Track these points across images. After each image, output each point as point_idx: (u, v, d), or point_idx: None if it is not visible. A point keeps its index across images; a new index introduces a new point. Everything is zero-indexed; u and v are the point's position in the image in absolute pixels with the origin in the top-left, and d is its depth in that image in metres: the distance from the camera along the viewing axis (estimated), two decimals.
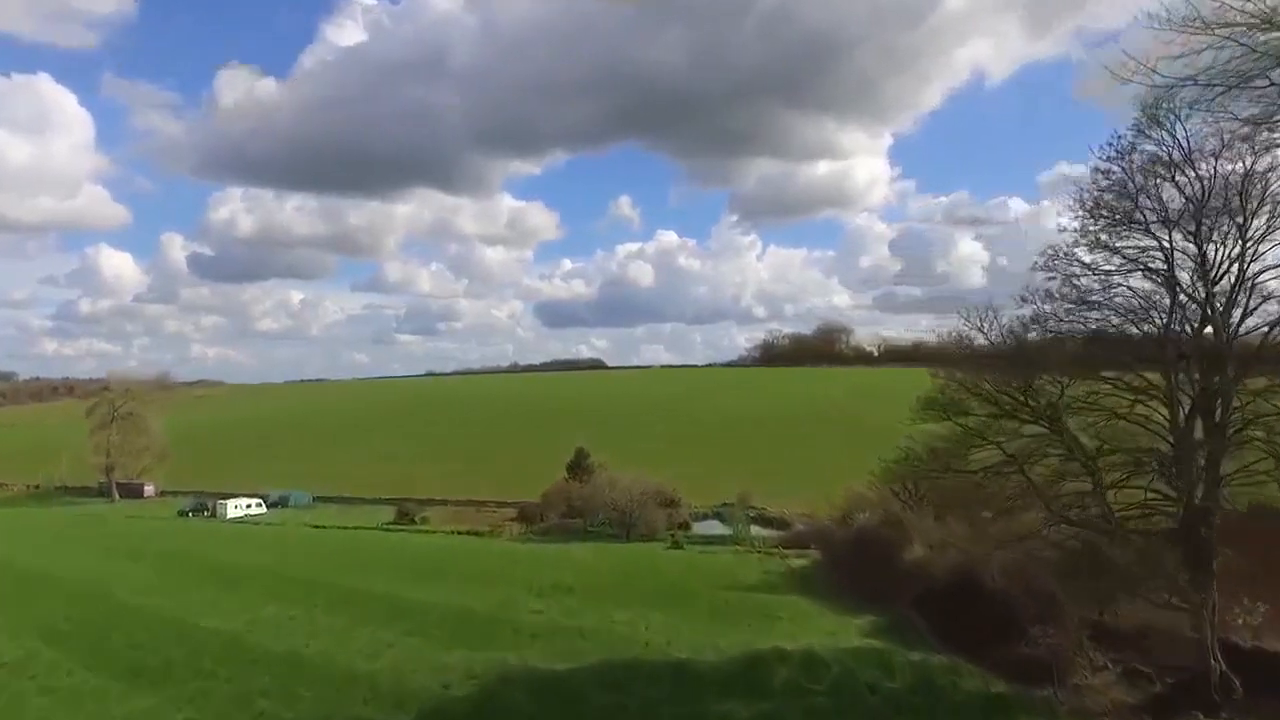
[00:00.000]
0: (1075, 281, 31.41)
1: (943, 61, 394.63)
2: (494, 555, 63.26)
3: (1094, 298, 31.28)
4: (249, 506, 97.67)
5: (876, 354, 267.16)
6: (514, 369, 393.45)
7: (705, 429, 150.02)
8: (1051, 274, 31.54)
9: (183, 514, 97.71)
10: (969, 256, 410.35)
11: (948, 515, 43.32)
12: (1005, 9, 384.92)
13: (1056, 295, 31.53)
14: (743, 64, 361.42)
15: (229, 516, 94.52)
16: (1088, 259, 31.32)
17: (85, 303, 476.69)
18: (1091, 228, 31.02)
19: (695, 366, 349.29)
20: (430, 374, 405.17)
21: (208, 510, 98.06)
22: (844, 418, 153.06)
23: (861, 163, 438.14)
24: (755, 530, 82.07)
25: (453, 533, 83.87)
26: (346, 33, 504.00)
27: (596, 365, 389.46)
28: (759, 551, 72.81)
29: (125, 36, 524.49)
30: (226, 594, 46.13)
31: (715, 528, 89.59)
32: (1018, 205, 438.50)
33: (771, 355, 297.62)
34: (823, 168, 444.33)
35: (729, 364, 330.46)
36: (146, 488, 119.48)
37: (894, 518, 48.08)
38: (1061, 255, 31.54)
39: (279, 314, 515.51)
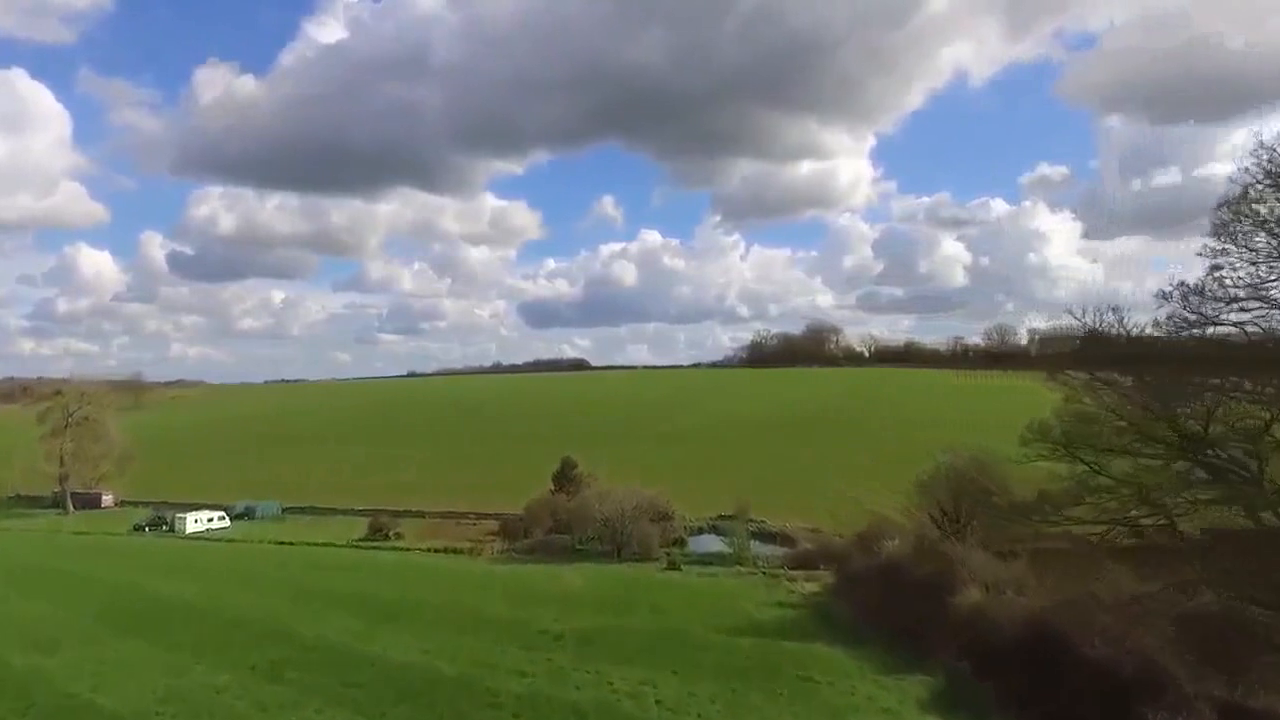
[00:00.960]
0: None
1: (925, 62, 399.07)
2: (472, 583, 56.74)
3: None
4: (210, 520, 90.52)
5: (868, 354, 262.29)
6: (497, 369, 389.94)
7: (696, 434, 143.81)
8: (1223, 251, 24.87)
9: (137, 529, 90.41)
10: (951, 257, 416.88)
11: (999, 548, 37.08)
12: (986, 10, 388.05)
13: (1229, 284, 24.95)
14: (725, 63, 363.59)
15: (188, 531, 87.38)
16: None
17: (63, 302, 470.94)
18: None
19: (681, 367, 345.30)
20: (412, 374, 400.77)
21: (165, 524, 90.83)
22: (842, 421, 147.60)
23: (844, 163, 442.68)
24: (756, 546, 75.81)
25: (429, 550, 77.29)
26: (327, 30, 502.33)
27: (580, 365, 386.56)
28: (764, 573, 66.69)
29: (103, 32, 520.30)
30: (142, 646, 38.38)
31: (712, 543, 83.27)
32: (999, 206, 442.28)
33: (759, 356, 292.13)
34: (805, 168, 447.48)
35: (715, 364, 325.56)
36: (104, 497, 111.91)
37: (931, 547, 41.86)
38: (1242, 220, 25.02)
39: (260, 313, 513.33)
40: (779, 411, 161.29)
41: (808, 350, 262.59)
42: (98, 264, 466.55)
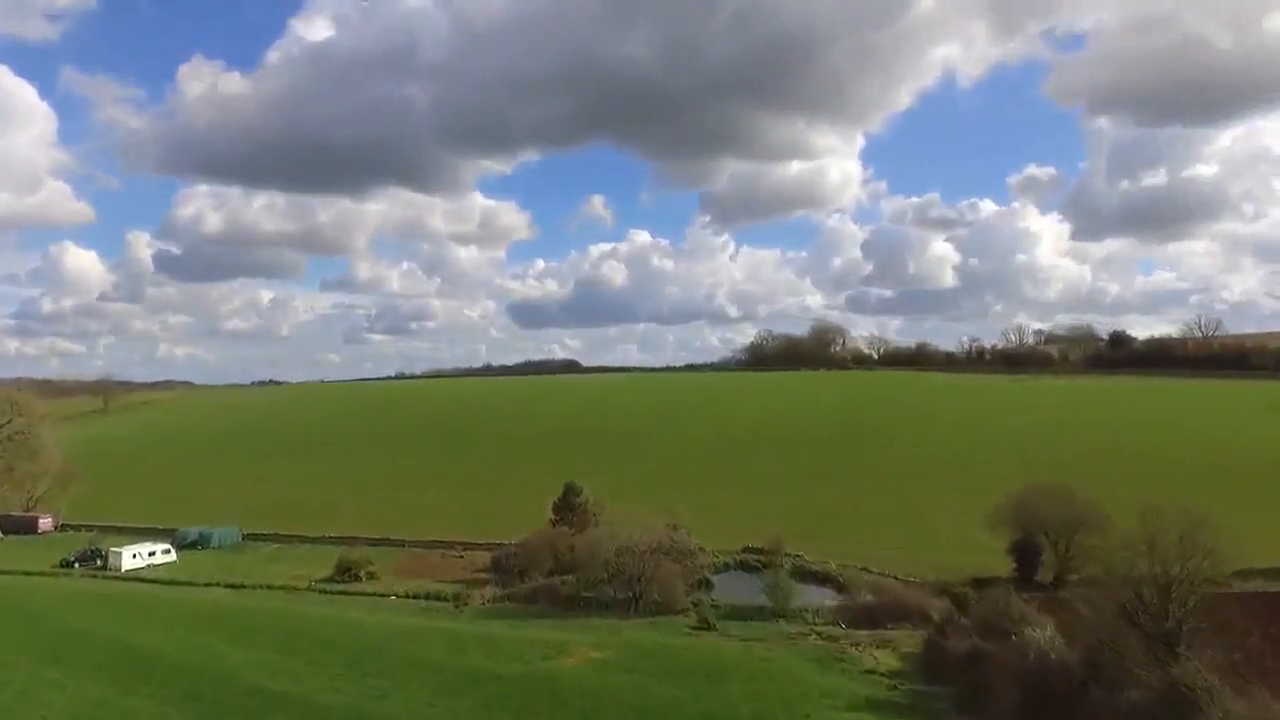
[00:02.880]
0: None
1: (913, 62, 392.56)
2: (457, 664, 43.88)
3: None
4: (151, 555, 77.34)
5: (876, 357, 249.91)
6: (487, 370, 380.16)
7: (707, 445, 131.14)
8: None
9: (66, 564, 77.20)
10: (940, 257, 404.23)
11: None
12: (974, 11, 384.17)
13: None
14: (714, 63, 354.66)
15: (124, 569, 74.35)
16: None
17: (48, 301, 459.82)
18: None
19: (674, 369, 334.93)
20: (400, 375, 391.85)
21: (100, 558, 77.71)
22: (879, 431, 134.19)
23: (833, 163, 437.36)
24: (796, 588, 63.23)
25: (407, 596, 64.61)
26: (314, 27, 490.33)
27: (571, 366, 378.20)
28: (817, 633, 54.42)
29: (87, 29, 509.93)
30: None
31: (741, 584, 71.12)
32: (988, 207, 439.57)
33: (760, 357, 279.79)
34: (795, 168, 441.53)
35: (711, 366, 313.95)
36: (42, 521, 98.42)
37: (1126, 651, 29.41)
38: None
39: (248, 313, 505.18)
40: (800, 419, 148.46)
41: (813, 352, 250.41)
42: (83, 263, 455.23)
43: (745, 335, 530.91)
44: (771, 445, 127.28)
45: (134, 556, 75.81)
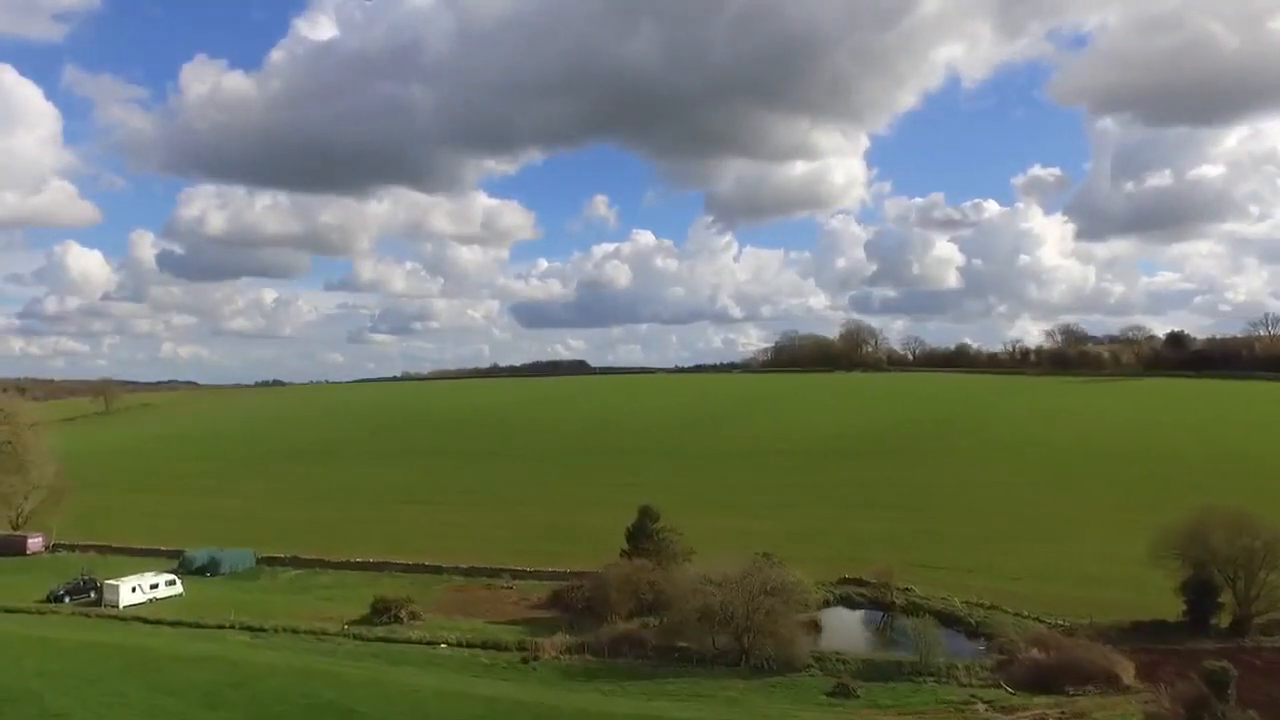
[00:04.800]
0: None
1: (917, 63, 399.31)
2: None
3: None
4: (154, 587, 66.46)
5: (911, 358, 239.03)
6: (495, 371, 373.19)
7: (761, 457, 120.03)
8: None
9: (55, 598, 66.39)
10: (944, 258, 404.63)
11: None
12: (978, 11, 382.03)
13: None
14: (718, 63, 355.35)
15: (122, 605, 63.60)
16: None
17: (53, 301, 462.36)
18: None
19: (684, 370, 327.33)
20: (407, 375, 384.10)
21: (95, 590, 66.91)
22: (952, 441, 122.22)
23: (837, 164, 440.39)
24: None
25: (461, 646, 53.63)
26: (318, 28, 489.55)
27: (580, 366, 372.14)
28: (990, 705, 43.43)
29: (92, 30, 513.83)
30: None
31: (847, 626, 60.44)
32: (992, 207, 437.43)
33: (786, 359, 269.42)
34: (799, 168, 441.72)
35: (729, 367, 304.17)
36: (31, 541, 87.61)
37: None
38: None
39: (252, 313, 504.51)
40: (860, 426, 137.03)
41: (846, 354, 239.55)
42: (88, 263, 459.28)
43: (748, 336, 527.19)
44: (837, 456, 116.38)
45: (134, 590, 64.98)
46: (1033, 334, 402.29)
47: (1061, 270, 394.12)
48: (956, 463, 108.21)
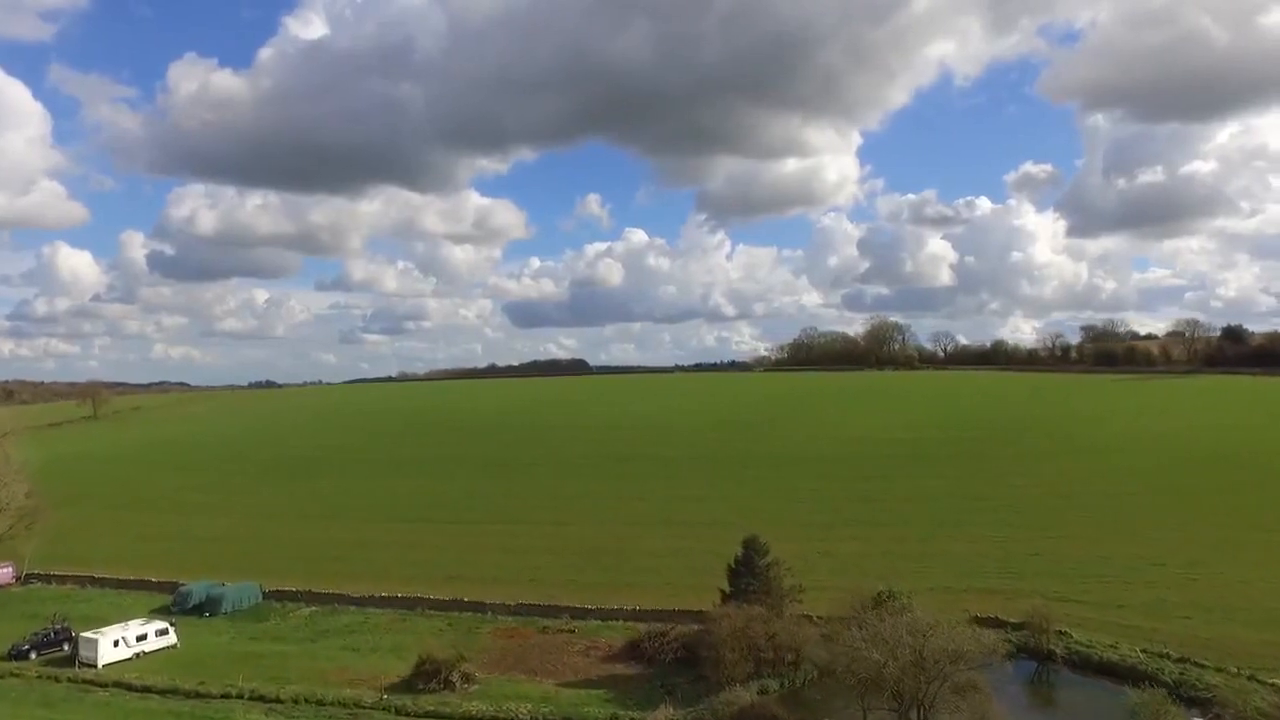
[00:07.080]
0: None
1: (909, 59, 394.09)
2: None
3: None
4: (141, 639, 54.21)
5: (943, 355, 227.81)
6: (491, 371, 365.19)
7: (818, 465, 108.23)
8: None
9: (17, 653, 54.06)
10: (936, 255, 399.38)
11: None
12: (970, 7, 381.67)
13: None
14: (709, 60, 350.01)
15: (103, 663, 51.48)
16: None
17: (42, 302, 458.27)
18: None
19: (684, 368, 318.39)
20: (403, 375, 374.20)
21: (69, 643, 54.68)
22: (1035, 444, 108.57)
23: (829, 161, 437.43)
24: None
25: None
26: (308, 26, 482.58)
27: (578, 366, 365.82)
28: None
29: (80, 28, 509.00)
30: None
31: (997, 681, 48.60)
32: (984, 204, 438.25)
33: (805, 357, 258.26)
34: (791, 166, 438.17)
35: (741, 365, 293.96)
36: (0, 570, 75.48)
37: None
38: None
39: (243, 313, 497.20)
40: (921, 427, 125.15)
41: (871, 352, 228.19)
42: (77, 264, 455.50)
43: (740, 334, 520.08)
44: (906, 462, 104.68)
45: (116, 644, 52.85)
46: (1024, 331, 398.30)
47: (1053, 267, 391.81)
48: (1049, 469, 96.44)
